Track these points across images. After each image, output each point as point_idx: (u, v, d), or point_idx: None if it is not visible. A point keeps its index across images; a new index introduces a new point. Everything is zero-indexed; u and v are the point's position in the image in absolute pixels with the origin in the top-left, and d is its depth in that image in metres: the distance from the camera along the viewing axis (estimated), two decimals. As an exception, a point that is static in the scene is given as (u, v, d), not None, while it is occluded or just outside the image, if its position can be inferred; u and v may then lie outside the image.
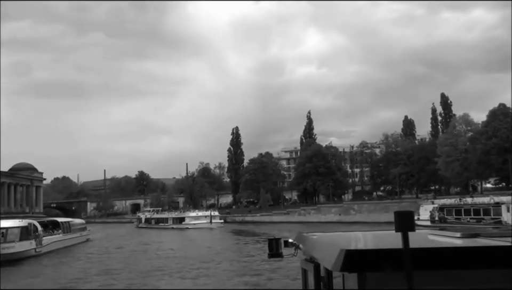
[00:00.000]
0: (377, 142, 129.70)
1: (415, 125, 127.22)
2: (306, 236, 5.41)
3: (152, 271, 31.19)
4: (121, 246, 53.15)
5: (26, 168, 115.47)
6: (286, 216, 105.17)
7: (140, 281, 27.73)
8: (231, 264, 34.62)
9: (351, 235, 5.85)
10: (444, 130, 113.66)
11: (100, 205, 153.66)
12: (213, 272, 30.56)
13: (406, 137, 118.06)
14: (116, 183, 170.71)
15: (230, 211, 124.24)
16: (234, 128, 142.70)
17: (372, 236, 5.50)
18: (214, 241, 56.79)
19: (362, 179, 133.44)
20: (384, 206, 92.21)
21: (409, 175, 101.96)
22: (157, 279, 28.31)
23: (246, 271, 30.27)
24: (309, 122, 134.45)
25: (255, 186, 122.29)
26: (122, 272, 31.26)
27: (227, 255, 40.95)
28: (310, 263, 4.81)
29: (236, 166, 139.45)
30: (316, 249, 4.53)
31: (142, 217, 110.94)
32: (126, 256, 42.09)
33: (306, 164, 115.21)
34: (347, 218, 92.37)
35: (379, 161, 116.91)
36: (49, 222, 52.58)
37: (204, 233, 74.44)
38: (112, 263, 36.44)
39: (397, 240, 3.14)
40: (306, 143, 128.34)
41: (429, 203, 70.93)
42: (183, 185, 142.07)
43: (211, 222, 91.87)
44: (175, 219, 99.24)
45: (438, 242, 4.29)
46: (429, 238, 4.58)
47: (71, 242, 51.70)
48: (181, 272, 30.56)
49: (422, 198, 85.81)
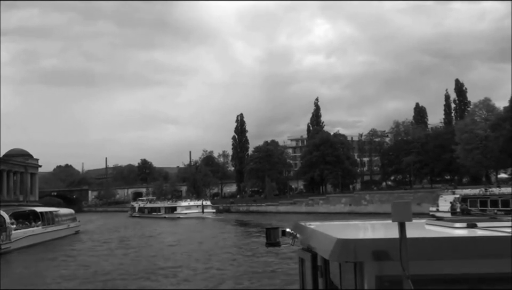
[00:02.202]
0: (386, 130, 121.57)
1: (427, 112, 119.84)
2: (303, 225, 5.20)
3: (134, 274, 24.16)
4: (109, 240, 46.02)
5: (20, 154, 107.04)
6: (293, 206, 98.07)
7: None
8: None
9: (348, 225, 5.56)
10: (457, 117, 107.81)
11: (101, 194, 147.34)
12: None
13: (417, 125, 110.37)
14: (119, 171, 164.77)
15: (234, 201, 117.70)
16: (238, 115, 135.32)
17: (369, 226, 5.45)
18: (206, 235, 49.48)
19: (371, 168, 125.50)
20: (398, 196, 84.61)
21: (423, 164, 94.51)
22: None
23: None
24: (316, 109, 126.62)
25: (260, 175, 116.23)
26: (97, 277, 24.08)
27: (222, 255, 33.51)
28: (307, 252, 4.71)
29: (241, 154, 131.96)
30: (313, 238, 4.45)
31: (136, 207, 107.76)
32: (111, 253, 34.90)
33: (314, 152, 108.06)
34: (358, 209, 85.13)
35: (390, 150, 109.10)
36: (31, 212, 45.23)
37: (195, 225, 68.95)
38: (93, 264, 29.15)
39: (394, 230, 3.15)
40: (313, 130, 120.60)
41: (449, 193, 65.44)
42: (186, 174, 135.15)
43: (203, 212, 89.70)
44: (167, 208, 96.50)
45: (435, 232, 4.08)
46: (426, 227, 4.48)
47: (54, 236, 44.19)
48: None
49: (441, 188, 78.29)
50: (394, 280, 3.16)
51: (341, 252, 3.26)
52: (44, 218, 43.46)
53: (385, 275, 3.28)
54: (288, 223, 6.93)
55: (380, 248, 3.27)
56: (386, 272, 3.26)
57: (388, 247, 3.21)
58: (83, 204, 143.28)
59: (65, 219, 49.95)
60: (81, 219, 61.70)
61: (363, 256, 3.26)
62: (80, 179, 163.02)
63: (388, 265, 3.22)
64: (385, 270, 3.26)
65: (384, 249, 3.23)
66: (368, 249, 3.28)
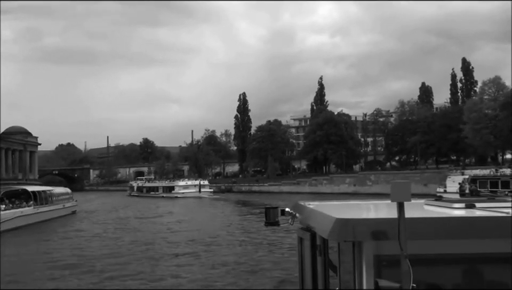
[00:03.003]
0: (390, 110, 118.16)
1: (432, 92, 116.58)
2: (303, 205, 5.16)
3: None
4: (106, 221, 43.69)
5: (19, 131, 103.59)
6: (296, 186, 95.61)
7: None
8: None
9: (347, 205, 5.57)
10: (464, 97, 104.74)
11: (102, 173, 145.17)
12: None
13: (423, 105, 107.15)
14: (121, 150, 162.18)
15: (237, 181, 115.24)
16: (241, 94, 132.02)
17: (368, 206, 5.44)
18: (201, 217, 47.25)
19: (375, 148, 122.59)
20: (403, 177, 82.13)
21: (429, 143, 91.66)
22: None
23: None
24: (320, 88, 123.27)
25: (262, 155, 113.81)
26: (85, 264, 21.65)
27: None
28: (306, 232, 4.67)
29: (243, 133, 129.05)
30: (312, 218, 4.43)
31: (134, 186, 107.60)
32: (106, 237, 32.52)
33: (317, 132, 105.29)
34: (363, 189, 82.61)
35: (395, 130, 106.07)
36: (23, 191, 42.68)
37: (192, 204, 67.84)
38: (83, 251, 26.72)
39: (392, 210, 3.16)
40: (317, 110, 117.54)
41: (458, 174, 63.00)
42: (188, 153, 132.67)
43: (200, 191, 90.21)
44: (165, 188, 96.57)
45: (433, 212, 4.07)
46: (425, 208, 4.45)
47: (48, 216, 41.75)
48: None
49: (448, 168, 75.66)
50: (392, 260, 3.13)
51: (340, 232, 3.26)
52: (36, 198, 40.83)
53: (384, 254, 3.28)
54: (291, 203, 5.71)
55: (378, 228, 3.24)
56: (384, 252, 3.26)
57: (386, 227, 3.18)
58: (85, 183, 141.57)
59: (60, 199, 47.32)
60: (81, 199, 59.82)
61: (362, 235, 3.24)
62: (82, 158, 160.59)
63: (386, 245, 3.21)
64: (384, 250, 3.26)
65: (383, 229, 3.21)
66: (367, 228, 3.25)
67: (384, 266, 3.31)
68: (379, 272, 3.32)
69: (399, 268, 3.03)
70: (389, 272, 3.24)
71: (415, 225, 3.19)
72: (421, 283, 3.20)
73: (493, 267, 3.44)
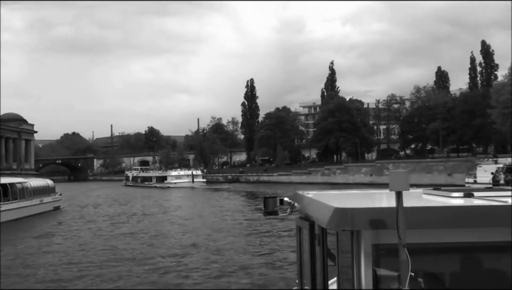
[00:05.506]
0: (403, 96, 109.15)
1: (449, 77, 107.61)
2: (302, 194, 5.01)
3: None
4: (93, 219, 35.79)
5: (13, 118, 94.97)
6: (307, 176, 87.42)
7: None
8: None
9: (345, 194, 5.40)
10: (483, 82, 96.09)
11: (106, 162, 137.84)
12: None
13: (439, 90, 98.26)
14: (126, 139, 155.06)
15: (244, 170, 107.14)
16: (249, 80, 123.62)
17: (367, 195, 5.23)
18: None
19: (388, 136, 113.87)
20: (425, 166, 74.06)
21: (450, 130, 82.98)
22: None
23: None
24: (331, 73, 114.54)
25: (271, 143, 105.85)
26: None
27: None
28: (305, 221, 4.54)
29: (251, 121, 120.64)
30: (310, 207, 4.33)
31: (130, 176, 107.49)
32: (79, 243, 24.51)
33: (329, 119, 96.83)
34: (380, 179, 73.95)
35: (411, 116, 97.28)
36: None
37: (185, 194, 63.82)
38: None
39: (391, 199, 3.09)
40: (328, 96, 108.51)
41: (490, 162, 54.69)
42: (193, 141, 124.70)
43: (193, 181, 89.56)
44: (158, 178, 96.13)
45: (431, 201, 3.98)
46: (423, 197, 4.33)
47: (18, 215, 33.89)
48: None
49: (478, 156, 67.40)
50: (390, 249, 3.07)
51: (339, 221, 3.19)
52: (1, 193, 32.78)
53: (382, 243, 3.22)
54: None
55: (377, 217, 3.18)
56: (383, 241, 3.21)
57: (385, 216, 3.13)
58: (88, 173, 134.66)
59: (37, 193, 39.23)
60: (80, 189, 51.97)
61: (360, 224, 3.17)
62: (86, 147, 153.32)
63: (385, 234, 3.15)
64: (382, 239, 3.20)
65: (381, 218, 3.15)
66: (365, 217, 3.19)
67: (383, 255, 3.24)
68: (377, 261, 3.23)
69: (397, 257, 2.95)
70: (387, 261, 3.16)
71: (413, 214, 3.08)
72: (419, 272, 3.16)
73: (492, 256, 3.39)
